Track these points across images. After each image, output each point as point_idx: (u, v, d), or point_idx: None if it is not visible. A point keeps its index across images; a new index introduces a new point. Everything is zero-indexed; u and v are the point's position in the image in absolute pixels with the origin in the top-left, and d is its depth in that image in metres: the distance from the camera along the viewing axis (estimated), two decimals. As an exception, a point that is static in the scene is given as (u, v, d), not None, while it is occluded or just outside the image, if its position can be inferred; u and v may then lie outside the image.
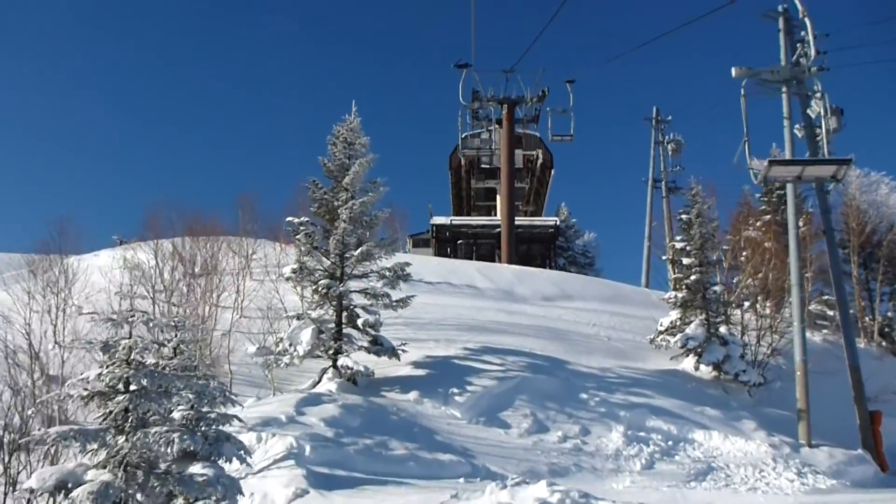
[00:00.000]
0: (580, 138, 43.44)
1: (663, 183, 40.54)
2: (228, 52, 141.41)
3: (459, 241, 48.86)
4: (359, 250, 17.63)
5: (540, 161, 51.74)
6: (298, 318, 17.81)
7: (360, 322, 17.42)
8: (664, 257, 23.78)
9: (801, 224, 26.68)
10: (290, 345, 17.25)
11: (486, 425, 16.19)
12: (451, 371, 18.43)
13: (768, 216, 34.27)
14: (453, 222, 49.11)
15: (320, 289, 17.47)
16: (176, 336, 8.97)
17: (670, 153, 40.44)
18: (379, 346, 17.83)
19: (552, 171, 53.46)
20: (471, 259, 47.83)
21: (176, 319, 9.26)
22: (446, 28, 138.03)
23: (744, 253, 27.88)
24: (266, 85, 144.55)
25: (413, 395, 16.88)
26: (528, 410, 16.99)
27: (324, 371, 17.66)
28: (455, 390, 17.19)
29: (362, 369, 16.64)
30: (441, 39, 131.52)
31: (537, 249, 51.52)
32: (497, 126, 46.49)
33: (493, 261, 46.45)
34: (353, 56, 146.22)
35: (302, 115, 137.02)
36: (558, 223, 51.07)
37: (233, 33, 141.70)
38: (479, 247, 49.13)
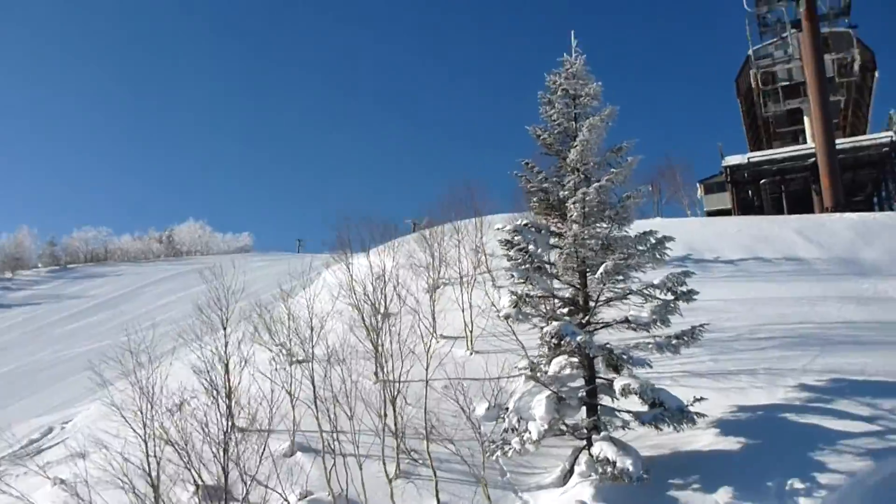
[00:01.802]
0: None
1: None
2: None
3: (763, 181, 40.08)
4: (602, 267, 11.05)
5: (858, 64, 41.05)
6: (531, 372, 11.72)
7: (618, 386, 10.86)
8: None
9: None
10: (519, 420, 11.32)
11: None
12: (781, 438, 11.27)
13: None
14: (751, 160, 40.45)
15: (547, 336, 11.18)
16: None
17: None
18: (658, 409, 11.15)
19: (875, 75, 42.42)
20: (779, 201, 39.32)
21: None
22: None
23: None
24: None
25: (723, 495, 10.09)
26: (943, 521, 9.43)
27: (576, 454, 11.51)
28: (798, 484, 10.04)
29: (630, 467, 10.11)
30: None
31: (866, 175, 41.34)
32: (794, 30, 37.29)
33: (809, 199, 37.62)
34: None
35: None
36: (894, 137, 39.95)
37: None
38: (789, 184, 40.02)
